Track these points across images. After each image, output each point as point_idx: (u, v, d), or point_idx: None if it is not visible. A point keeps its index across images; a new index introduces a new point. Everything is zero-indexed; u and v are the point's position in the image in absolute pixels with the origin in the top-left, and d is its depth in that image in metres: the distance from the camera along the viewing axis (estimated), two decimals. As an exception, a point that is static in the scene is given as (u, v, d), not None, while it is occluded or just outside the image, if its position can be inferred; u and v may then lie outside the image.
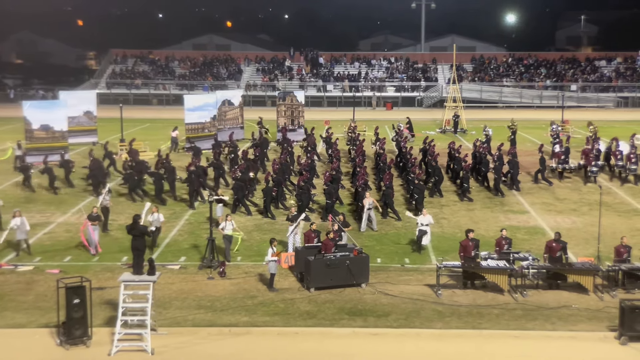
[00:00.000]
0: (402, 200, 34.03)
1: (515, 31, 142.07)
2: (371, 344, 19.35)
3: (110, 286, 22.47)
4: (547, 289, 22.99)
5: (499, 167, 36.23)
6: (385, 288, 22.98)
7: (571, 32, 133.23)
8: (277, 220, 30.92)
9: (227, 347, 19.10)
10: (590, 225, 29.73)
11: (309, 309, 21.35)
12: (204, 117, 49.73)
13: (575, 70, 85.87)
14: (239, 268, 24.91)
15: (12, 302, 21.82)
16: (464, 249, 23.27)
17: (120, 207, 32.89)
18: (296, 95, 54.98)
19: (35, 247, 27.27)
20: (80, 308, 18.78)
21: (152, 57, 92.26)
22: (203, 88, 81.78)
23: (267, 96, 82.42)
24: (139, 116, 66.15)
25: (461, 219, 31.17)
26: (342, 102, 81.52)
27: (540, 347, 19.18)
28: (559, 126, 50.33)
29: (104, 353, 18.51)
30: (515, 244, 25.32)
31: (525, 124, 61.25)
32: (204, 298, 22.16)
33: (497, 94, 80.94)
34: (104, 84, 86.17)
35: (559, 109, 66.49)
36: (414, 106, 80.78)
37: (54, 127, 44.19)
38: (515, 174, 36.79)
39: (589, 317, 20.94)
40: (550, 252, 23.31)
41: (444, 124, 59.69)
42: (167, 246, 27.50)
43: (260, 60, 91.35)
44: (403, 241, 28.20)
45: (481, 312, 21.20)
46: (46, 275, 24.08)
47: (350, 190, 35.30)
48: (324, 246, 23.37)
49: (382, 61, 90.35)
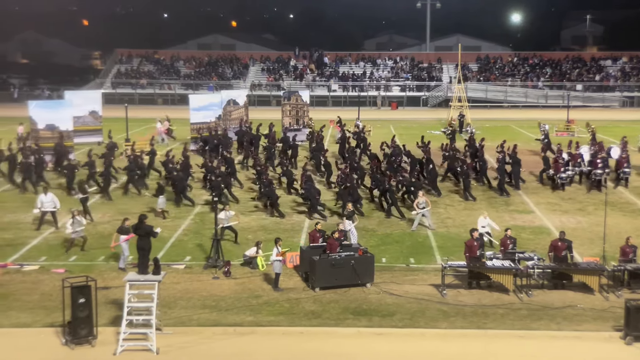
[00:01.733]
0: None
1: (520, 31, 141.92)
2: (376, 344, 19.35)
3: (116, 286, 22.50)
4: (552, 288, 22.95)
5: (502, 166, 36.10)
6: (390, 288, 22.97)
7: (576, 31, 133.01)
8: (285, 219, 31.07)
9: (232, 347, 19.11)
10: (595, 225, 29.68)
11: (314, 309, 21.36)
12: (209, 116, 49.81)
13: (580, 69, 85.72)
14: (244, 268, 24.92)
15: (17, 302, 21.86)
16: (469, 248, 23.24)
17: (126, 207, 32.97)
18: (301, 95, 55.01)
19: (41, 246, 27.35)
20: (85, 307, 18.80)
21: (157, 57, 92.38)
22: (208, 88, 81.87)
23: (272, 96, 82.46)
24: (144, 116, 66.17)
25: (466, 218, 31.13)
26: (347, 101, 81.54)
27: (545, 347, 19.16)
28: (545, 124, 49.69)
29: (109, 352, 18.54)
30: (520, 244, 25.31)
31: (530, 124, 61.22)
32: (209, 298, 22.18)
33: (502, 93, 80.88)
34: (109, 83, 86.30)
35: (564, 109, 66.38)
36: (419, 106, 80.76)
37: (59, 126, 44.30)
38: (516, 172, 36.69)
39: (594, 317, 20.91)
40: (556, 252, 23.27)
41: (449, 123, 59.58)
42: (172, 246, 27.53)
43: (265, 59, 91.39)
44: (408, 241, 28.19)
45: (486, 312, 21.18)
46: (52, 275, 24.11)
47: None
48: (329, 246, 23.37)
49: (387, 61, 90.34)
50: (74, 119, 46.86)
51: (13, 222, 30.72)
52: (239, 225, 28.28)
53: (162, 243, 27.24)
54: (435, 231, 29.21)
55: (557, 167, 36.65)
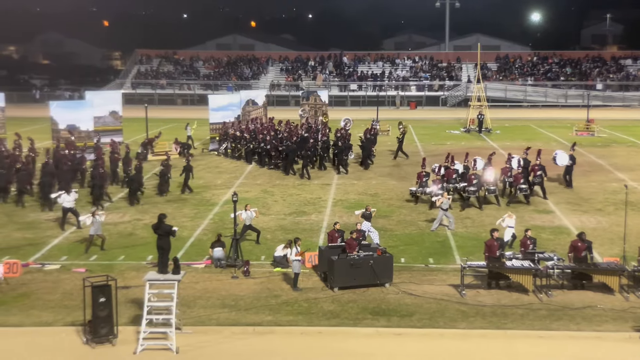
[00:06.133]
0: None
1: (540, 30, 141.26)
2: (394, 344, 19.35)
3: (136, 285, 22.63)
4: (572, 289, 22.85)
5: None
6: (408, 288, 22.96)
7: (596, 30, 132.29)
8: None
9: (251, 346, 19.16)
10: (615, 225, 29.52)
11: (333, 309, 21.39)
12: (228, 116, 49.98)
13: (600, 69, 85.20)
14: (263, 267, 25.01)
15: (39, 301, 22.04)
16: (488, 248, 23.19)
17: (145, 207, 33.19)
18: (320, 95, 55.08)
19: (62, 246, 27.57)
20: (106, 307, 18.92)
21: (177, 57, 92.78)
22: (227, 88, 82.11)
23: (290, 96, 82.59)
24: (164, 116, 66.53)
25: (485, 218, 31.06)
26: (365, 101, 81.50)
27: (564, 348, 19.08)
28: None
29: (130, 351, 18.66)
30: (540, 244, 25.20)
31: (550, 123, 60.99)
32: (228, 297, 22.25)
33: (521, 93, 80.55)
34: (129, 84, 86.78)
35: (584, 108, 66.02)
36: (438, 105, 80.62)
37: (80, 127, 44.61)
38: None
39: (614, 317, 20.80)
40: (575, 252, 23.17)
41: (469, 123, 59.48)
42: (192, 245, 27.66)
43: (284, 60, 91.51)
44: (427, 241, 28.17)
45: (505, 312, 21.12)
46: (72, 274, 24.29)
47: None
48: (348, 246, 23.40)
49: (406, 60, 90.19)
50: (94, 119, 47.21)
51: (35, 222, 30.97)
52: (258, 225, 28.39)
53: (182, 242, 27.39)
54: (454, 231, 29.16)
55: (517, 177, 33.77)
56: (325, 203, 33.98)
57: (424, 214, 31.86)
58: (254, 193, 35.49)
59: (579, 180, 38.16)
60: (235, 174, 40.78)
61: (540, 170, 34.28)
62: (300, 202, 34.10)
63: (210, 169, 42.35)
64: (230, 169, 42.52)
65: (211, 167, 42.91)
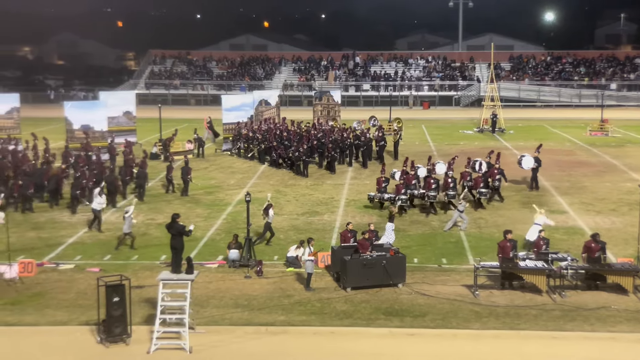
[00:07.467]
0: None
1: (553, 29, 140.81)
2: (407, 344, 19.34)
3: (149, 285, 22.72)
4: (585, 289, 22.78)
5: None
6: (421, 288, 22.94)
7: (610, 30, 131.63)
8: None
9: (264, 346, 19.20)
10: (630, 226, 29.37)
11: (345, 309, 21.40)
12: (241, 117, 50.06)
13: (614, 68, 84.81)
14: (276, 267, 25.05)
15: (53, 300, 22.16)
16: (502, 249, 23.15)
17: (158, 206, 33.30)
18: (332, 95, 55.09)
19: (77, 245, 27.71)
20: (119, 306, 19.00)
21: (190, 58, 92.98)
22: (240, 88, 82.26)
23: (303, 96, 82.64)
24: (177, 116, 66.70)
25: (499, 219, 31.00)
26: (378, 101, 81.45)
27: (578, 348, 19.02)
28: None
29: (143, 351, 18.73)
30: (553, 245, 25.13)
31: (564, 123, 60.78)
32: (241, 297, 22.31)
33: (535, 92, 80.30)
34: (143, 84, 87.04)
35: (598, 108, 65.75)
36: (451, 105, 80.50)
37: (94, 127, 44.81)
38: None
39: (628, 318, 20.72)
40: (589, 253, 23.09)
41: (482, 123, 59.34)
42: (205, 245, 27.74)
43: (297, 60, 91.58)
44: (440, 242, 28.14)
45: (519, 313, 21.08)
46: (86, 274, 24.41)
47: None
48: (360, 246, 23.40)
49: (419, 60, 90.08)
50: (108, 119, 47.40)
51: (49, 222, 31.14)
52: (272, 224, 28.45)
53: (195, 242, 27.47)
54: (467, 232, 29.12)
55: (477, 181, 33.29)
56: (337, 203, 34.04)
57: (437, 215, 31.81)
58: (267, 193, 35.45)
59: (593, 180, 38.03)
60: (248, 174, 40.89)
61: (500, 174, 33.91)
62: (313, 202, 34.16)
63: (223, 169, 42.46)
64: (243, 169, 42.63)
65: (224, 167, 43.02)
